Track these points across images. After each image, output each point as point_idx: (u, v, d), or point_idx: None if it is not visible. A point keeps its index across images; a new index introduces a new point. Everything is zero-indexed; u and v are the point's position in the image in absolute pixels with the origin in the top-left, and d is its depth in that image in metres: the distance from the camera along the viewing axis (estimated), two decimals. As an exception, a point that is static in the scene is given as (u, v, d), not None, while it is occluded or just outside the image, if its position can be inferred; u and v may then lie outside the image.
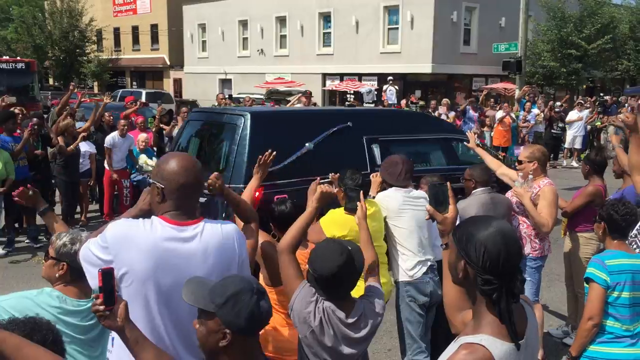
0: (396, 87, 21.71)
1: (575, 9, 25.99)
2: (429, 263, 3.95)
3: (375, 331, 2.62)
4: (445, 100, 14.90)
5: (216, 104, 11.31)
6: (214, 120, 6.80)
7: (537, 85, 24.81)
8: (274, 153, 3.55)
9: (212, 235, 2.28)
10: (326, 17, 29.43)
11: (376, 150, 6.36)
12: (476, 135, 5.72)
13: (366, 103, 18.86)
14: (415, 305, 3.94)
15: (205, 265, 2.22)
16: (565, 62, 25.50)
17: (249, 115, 5.87)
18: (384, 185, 4.25)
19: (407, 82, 25.71)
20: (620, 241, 3.14)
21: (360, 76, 27.51)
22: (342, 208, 3.87)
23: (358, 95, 24.30)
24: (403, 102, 15.82)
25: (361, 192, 3.39)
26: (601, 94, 26.59)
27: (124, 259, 2.13)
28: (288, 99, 19.15)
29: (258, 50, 32.82)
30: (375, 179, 4.29)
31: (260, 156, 3.49)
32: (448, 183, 2.27)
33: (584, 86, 30.01)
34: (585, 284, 3.06)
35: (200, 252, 2.23)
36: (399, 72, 25.16)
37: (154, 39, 40.78)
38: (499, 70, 21.96)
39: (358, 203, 3.24)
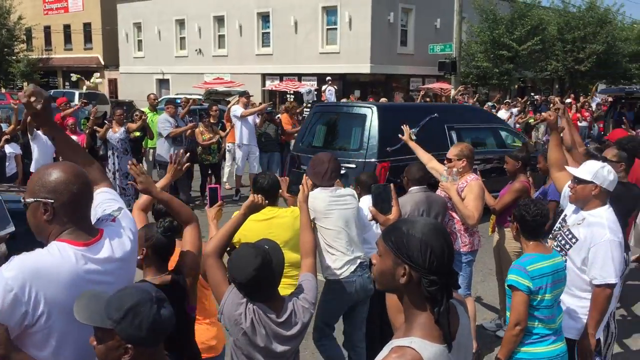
0: (335, 86, 21.85)
1: (507, 12, 26.87)
2: (358, 261, 3.97)
3: (307, 327, 2.64)
4: (383, 99, 15.09)
5: (148, 105, 11.01)
6: (342, 112, 9.07)
7: (472, 85, 25.48)
8: (188, 155, 3.50)
9: (120, 244, 2.11)
10: (265, 17, 29.30)
11: (454, 135, 8.50)
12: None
13: (306, 103, 18.87)
14: (339, 302, 3.99)
15: (127, 278, 2.11)
16: (497, 62, 26.32)
17: (375, 108, 7.95)
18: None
19: (346, 82, 25.92)
20: (536, 242, 3.17)
21: (300, 76, 27.54)
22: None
23: (298, 96, 24.31)
24: (343, 101, 15.94)
25: (304, 175, 3.37)
26: (532, 94, 27.61)
27: (41, 299, 1.85)
28: (228, 99, 18.93)
29: (196, 50, 32.36)
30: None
31: (174, 155, 3.37)
32: (391, 185, 2.26)
33: (516, 86, 31.06)
34: (507, 289, 3.08)
35: (119, 269, 2.08)
36: (338, 72, 25.34)
37: (87, 38, 39.52)
38: (435, 71, 22.48)
39: (300, 186, 3.23)
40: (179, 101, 13.70)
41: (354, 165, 7.46)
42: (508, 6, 27.55)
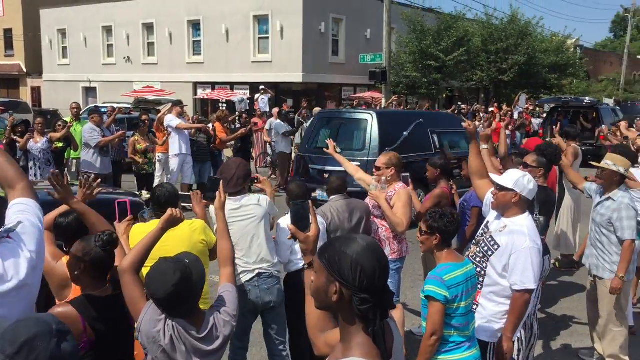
0: (269, 93, 21.80)
1: (433, 23, 27.64)
2: (256, 271, 3.99)
3: (228, 341, 2.59)
4: (317, 110, 15.20)
5: (70, 115, 10.63)
6: (345, 117, 10.53)
7: (402, 94, 26.04)
8: (99, 180, 3.42)
9: (14, 265, 1.94)
10: (195, 25, 28.93)
11: (435, 138, 10.03)
12: None
13: (238, 112, 18.73)
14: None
15: (25, 305, 1.95)
16: (426, 72, 27.00)
17: (375, 114, 9.39)
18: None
19: (279, 91, 25.93)
20: (449, 250, 3.24)
21: (232, 85, 27.33)
22: (152, 222, 3.70)
23: (230, 104, 24.10)
24: (275, 110, 15.89)
25: (221, 181, 3.32)
26: (459, 103, 28.50)
27: None
28: (158, 108, 18.55)
29: (124, 58, 31.53)
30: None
31: (83, 180, 3.28)
32: (310, 201, 2.25)
33: (444, 95, 31.96)
34: (423, 299, 3.11)
35: (12, 296, 1.90)
36: (271, 81, 25.31)
37: (8, 44, 37.83)
38: (366, 80, 22.85)
39: (217, 193, 3.20)
40: (104, 110, 13.31)
41: (358, 163, 7.83)
42: (435, 18, 28.35)
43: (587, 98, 22.67)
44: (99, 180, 3.37)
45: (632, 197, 4.76)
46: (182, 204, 3.88)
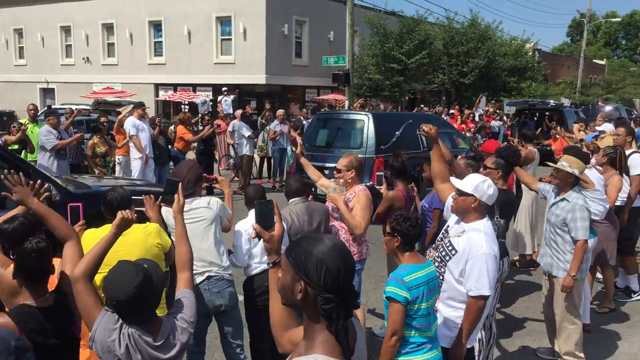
0: (233, 95, 21.67)
1: (396, 26, 27.90)
2: (205, 274, 3.99)
3: (185, 348, 2.55)
4: (280, 112, 15.14)
5: (27, 117, 10.35)
6: (342, 118, 11.27)
7: (365, 96, 26.20)
8: (46, 185, 3.38)
9: None
10: (157, 26, 28.56)
11: (423, 138, 9.75)
12: None
13: (201, 114, 18.55)
14: None
15: None
16: (388, 75, 27.23)
17: (371, 115, 10.19)
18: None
19: (242, 93, 25.80)
20: (411, 253, 3.26)
21: (194, 87, 27.07)
22: (105, 226, 3.61)
23: (193, 106, 23.85)
24: (238, 112, 15.78)
25: (180, 184, 3.29)
26: (421, 105, 28.81)
27: None
28: (118, 109, 18.24)
29: (84, 59, 30.92)
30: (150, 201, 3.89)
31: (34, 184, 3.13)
32: (274, 201, 2.26)
33: (407, 98, 32.28)
34: (385, 300, 3.13)
35: None
36: (234, 82, 25.18)
37: (-39, 44, 36.65)
38: (329, 82, 22.87)
39: (175, 196, 3.15)
40: (62, 112, 13.01)
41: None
42: (397, 21, 28.62)
43: (552, 101, 24.29)
44: (46, 185, 3.27)
45: (585, 198, 4.89)
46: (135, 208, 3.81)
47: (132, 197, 3.74)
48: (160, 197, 3.76)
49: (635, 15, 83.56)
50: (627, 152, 6.73)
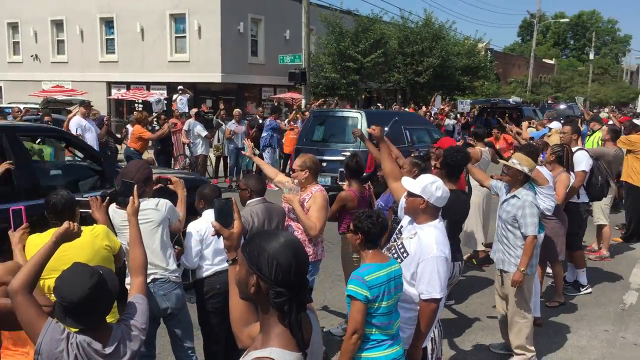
0: (188, 94, 21.36)
1: (351, 25, 28.04)
2: (151, 277, 3.92)
3: (136, 355, 2.49)
4: (236, 111, 15.02)
5: None
6: (337, 116, 12.47)
7: (321, 95, 26.24)
8: None
9: None
10: (108, 23, 27.95)
11: (408, 133, 12.10)
12: None
13: (156, 113, 18.22)
14: None
15: None
16: (344, 73, 27.34)
17: (364, 113, 11.66)
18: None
19: (197, 91, 25.48)
20: (375, 251, 3.26)
21: (148, 85, 26.61)
22: (48, 231, 3.50)
23: (147, 105, 23.42)
24: (193, 111, 15.57)
25: (135, 186, 3.22)
26: (378, 104, 29.07)
27: None
28: (69, 108, 17.78)
29: (32, 56, 30.00)
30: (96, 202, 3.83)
31: None
32: (232, 198, 2.29)
33: (363, 96, 32.50)
34: (347, 298, 3.14)
35: None
36: (189, 81, 24.83)
37: None
38: (285, 81, 22.88)
39: (130, 198, 3.09)
40: (9, 110, 12.60)
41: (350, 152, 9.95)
42: (352, 20, 28.77)
43: (512, 99, 26.34)
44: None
45: (535, 195, 5.01)
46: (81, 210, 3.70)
47: (78, 199, 3.63)
48: (113, 198, 3.68)
49: (582, 16, 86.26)
50: (574, 149, 6.94)
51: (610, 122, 13.39)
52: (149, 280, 3.84)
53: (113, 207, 4.00)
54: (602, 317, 6.31)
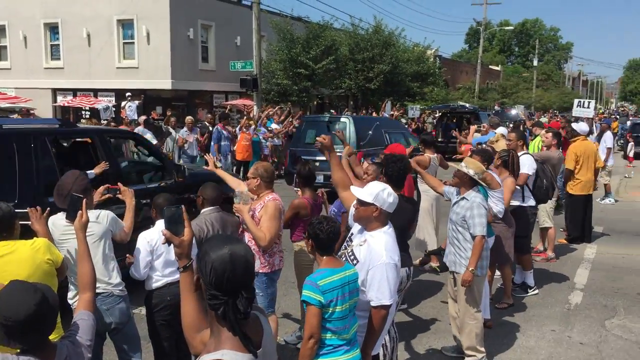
0: (137, 101, 20.99)
1: (302, 32, 28.12)
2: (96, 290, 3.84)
3: None
4: (189, 119, 14.80)
5: None
6: (327, 121, 13.93)
7: (273, 102, 26.18)
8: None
9: None
10: (53, 29, 27.18)
11: (387, 136, 13.70)
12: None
13: (106, 120, 17.80)
14: None
15: None
16: (296, 80, 27.37)
17: (352, 118, 13.64)
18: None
19: (147, 98, 25.04)
20: (329, 257, 3.27)
21: (95, 92, 25.98)
22: None
23: (94, 112, 22.87)
24: (142, 118, 15.28)
25: (84, 200, 3.13)
26: (331, 110, 29.21)
27: None
28: (12, 116, 17.20)
29: (-28, 62, 28.90)
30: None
31: None
32: (182, 207, 2.30)
33: (315, 103, 32.62)
34: (302, 303, 3.14)
35: None
36: (138, 87, 24.40)
37: None
38: (237, 87, 22.72)
39: (79, 212, 3.00)
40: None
41: (341, 153, 11.51)
42: (303, 27, 28.85)
43: (468, 105, 27.97)
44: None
45: (483, 198, 5.13)
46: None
47: (17, 211, 3.49)
48: (52, 211, 3.57)
49: (526, 24, 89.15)
50: (519, 154, 7.15)
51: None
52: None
53: (52, 220, 3.88)
54: (549, 317, 6.50)
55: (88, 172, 6.08)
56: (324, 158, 5.21)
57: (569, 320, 6.42)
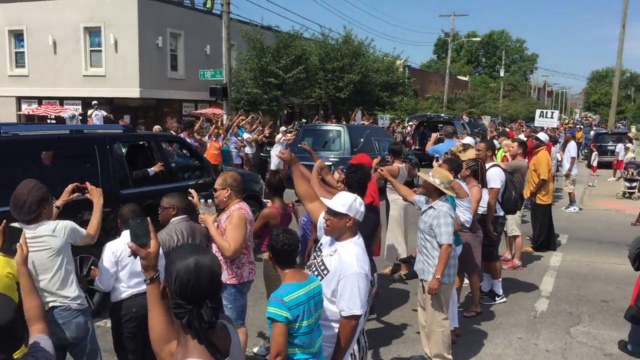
0: (104, 112, 20.68)
1: (272, 41, 28.15)
2: (50, 304, 3.73)
3: None
4: (156, 128, 14.67)
5: None
6: (323, 129, 16.28)
7: (244, 110, 26.13)
8: None
9: None
10: (18, 36, 26.70)
11: (376, 143, 15.45)
12: None
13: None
14: None
15: None
16: (266, 89, 27.36)
17: (346, 127, 15.51)
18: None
19: (115, 107, 24.73)
20: (293, 270, 3.24)
21: (61, 100, 25.57)
22: None
23: (60, 121, 22.47)
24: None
25: (23, 231, 3.00)
26: (303, 120, 29.26)
27: None
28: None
29: None
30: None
31: None
32: (148, 218, 2.30)
33: (285, 111, 32.62)
34: (268, 320, 3.10)
35: None
36: (106, 96, 24.10)
37: None
38: (207, 96, 22.64)
39: (18, 245, 2.82)
40: None
41: (337, 159, 13.42)
42: (273, 36, 28.88)
43: (443, 114, 29.40)
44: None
45: (451, 207, 5.19)
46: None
47: None
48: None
49: (493, 35, 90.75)
50: (488, 165, 7.25)
51: (521, 135, 14.19)
52: (47, 308, 3.60)
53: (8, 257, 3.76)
54: (516, 325, 6.58)
55: (148, 169, 7.67)
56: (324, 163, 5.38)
57: (535, 327, 6.52)
